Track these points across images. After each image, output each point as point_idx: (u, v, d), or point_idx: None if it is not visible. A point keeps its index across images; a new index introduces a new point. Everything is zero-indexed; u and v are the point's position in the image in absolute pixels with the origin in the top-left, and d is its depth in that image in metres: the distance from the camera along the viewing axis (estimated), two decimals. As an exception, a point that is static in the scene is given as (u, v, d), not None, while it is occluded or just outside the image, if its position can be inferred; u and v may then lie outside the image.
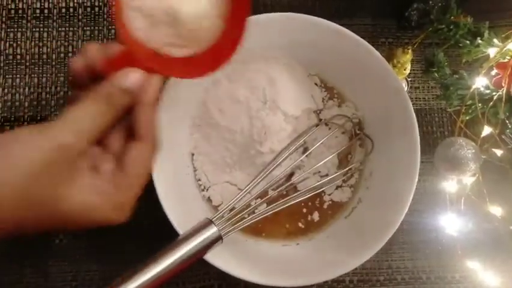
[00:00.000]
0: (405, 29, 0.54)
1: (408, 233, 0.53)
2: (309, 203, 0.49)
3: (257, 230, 0.48)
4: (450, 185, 0.47)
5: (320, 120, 0.50)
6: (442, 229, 0.50)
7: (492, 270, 0.46)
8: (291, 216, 0.49)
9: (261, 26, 0.43)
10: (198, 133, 0.49)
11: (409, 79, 0.55)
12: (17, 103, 0.52)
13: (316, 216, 0.49)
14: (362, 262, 0.42)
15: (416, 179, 0.43)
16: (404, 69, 0.48)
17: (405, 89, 0.55)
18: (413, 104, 0.55)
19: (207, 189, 0.49)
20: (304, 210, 0.49)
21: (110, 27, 0.54)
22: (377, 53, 0.44)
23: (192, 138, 0.49)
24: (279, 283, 0.42)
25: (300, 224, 0.49)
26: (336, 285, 0.52)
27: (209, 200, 0.49)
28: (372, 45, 0.45)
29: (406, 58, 0.46)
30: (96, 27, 0.54)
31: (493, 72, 0.43)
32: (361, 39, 0.44)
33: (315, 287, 0.51)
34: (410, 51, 0.46)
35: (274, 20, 0.44)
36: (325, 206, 0.49)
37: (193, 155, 0.49)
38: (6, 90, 0.52)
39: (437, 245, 0.52)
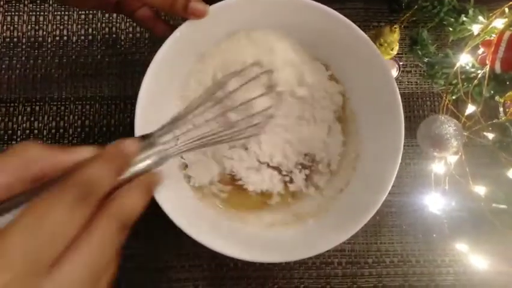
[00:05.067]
0: (396, 12, 0.54)
1: (397, 216, 0.53)
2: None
3: (245, 211, 0.49)
4: (437, 166, 0.47)
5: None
6: (429, 210, 0.49)
7: (479, 251, 0.46)
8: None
9: (251, 4, 0.44)
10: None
11: (401, 63, 0.55)
12: (13, 85, 0.53)
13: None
14: (343, 240, 0.42)
15: (400, 156, 0.42)
16: (391, 49, 0.47)
17: (397, 72, 0.55)
18: (404, 88, 0.56)
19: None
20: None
21: (104, 11, 0.55)
22: (360, 31, 0.43)
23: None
24: (267, 259, 0.43)
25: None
26: (324, 266, 0.52)
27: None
28: (364, 30, 0.44)
29: (393, 37, 0.46)
30: (90, 12, 0.55)
31: (480, 51, 0.43)
32: (343, 17, 0.43)
33: (303, 268, 0.52)
34: (397, 30, 0.45)
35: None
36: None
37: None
38: (3, 72, 0.54)
39: (425, 226, 0.52)
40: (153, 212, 0.39)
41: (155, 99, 0.44)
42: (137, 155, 0.28)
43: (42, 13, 0.55)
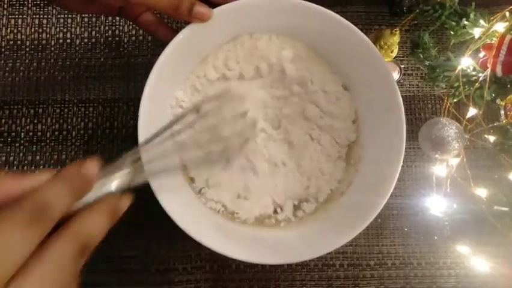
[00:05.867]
0: (398, 15, 0.54)
1: (399, 218, 0.53)
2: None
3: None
4: (438, 168, 0.47)
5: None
6: (432, 212, 0.50)
7: (481, 253, 0.46)
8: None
9: (254, 8, 0.44)
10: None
11: (402, 66, 0.55)
12: (16, 87, 0.54)
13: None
14: (345, 242, 0.42)
15: (402, 159, 0.42)
16: (391, 52, 0.47)
17: (398, 75, 0.55)
18: (406, 91, 0.56)
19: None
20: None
21: (105, 14, 0.56)
22: (362, 34, 0.44)
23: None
24: (268, 261, 0.43)
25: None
26: (326, 268, 0.52)
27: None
28: (366, 33, 0.45)
29: (393, 40, 0.46)
30: (94, 15, 0.56)
31: (481, 55, 0.43)
32: (345, 20, 0.44)
33: (305, 270, 0.52)
34: (397, 32, 0.46)
35: (263, 3, 0.44)
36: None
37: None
38: (6, 74, 0.54)
39: (427, 229, 0.52)
40: (154, 213, 0.40)
41: (159, 101, 0.45)
42: (100, 178, 0.27)
43: (45, 16, 0.56)
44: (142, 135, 0.42)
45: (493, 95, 0.40)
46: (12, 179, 0.25)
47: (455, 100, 0.44)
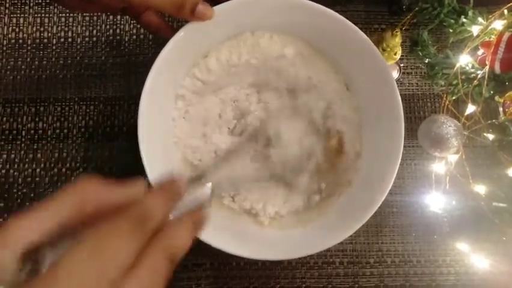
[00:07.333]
0: (397, 14, 0.55)
1: (398, 216, 0.53)
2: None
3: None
4: (438, 166, 0.47)
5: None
6: (430, 209, 0.50)
7: (480, 250, 0.46)
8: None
9: (253, 7, 0.44)
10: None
11: (402, 65, 0.56)
12: (18, 86, 0.54)
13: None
14: (343, 239, 0.42)
15: (400, 156, 0.43)
16: (395, 54, 0.48)
17: (398, 74, 0.56)
18: (405, 90, 0.56)
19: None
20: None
21: (107, 13, 0.56)
22: (362, 33, 0.44)
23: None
24: (268, 256, 0.43)
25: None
26: (326, 266, 0.52)
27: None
28: (365, 32, 0.45)
29: (395, 41, 0.46)
30: (95, 14, 0.56)
31: (480, 52, 0.44)
32: (343, 18, 0.44)
33: (305, 268, 0.52)
34: (398, 34, 0.46)
35: (264, 1, 0.45)
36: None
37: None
38: (8, 73, 0.54)
39: (427, 226, 0.52)
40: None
41: (158, 99, 0.45)
42: (187, 192, 0.29)
43: (47, 15, 0.56)
44: (142, 134, 0.42)
45: (492, 92, 0.40)
46: (108, 190, 0.26)
47: (454, 98, 0.44)
